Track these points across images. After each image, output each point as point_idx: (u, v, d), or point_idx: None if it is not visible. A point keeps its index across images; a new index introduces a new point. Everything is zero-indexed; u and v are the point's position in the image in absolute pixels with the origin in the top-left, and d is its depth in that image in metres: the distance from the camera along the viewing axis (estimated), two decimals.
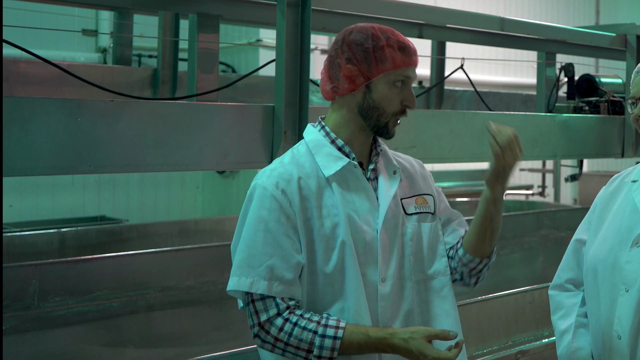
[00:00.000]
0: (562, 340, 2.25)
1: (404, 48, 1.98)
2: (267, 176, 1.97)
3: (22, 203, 6.47)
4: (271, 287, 1.88)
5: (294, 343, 1.88)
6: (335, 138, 2.01)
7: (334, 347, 1.86)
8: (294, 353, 1.89)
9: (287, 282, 1.89)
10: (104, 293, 3.92)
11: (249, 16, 3.43)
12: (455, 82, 5.73)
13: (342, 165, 1.97)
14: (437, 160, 3.35)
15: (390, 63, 1.95)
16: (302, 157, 2.01)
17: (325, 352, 1.86)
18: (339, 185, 1.97)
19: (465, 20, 3.93)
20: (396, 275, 2.00)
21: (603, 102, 4.30)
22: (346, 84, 1.98)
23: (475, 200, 7.69)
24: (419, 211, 2.08)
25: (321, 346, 1.86)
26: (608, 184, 2.32)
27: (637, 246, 2.09)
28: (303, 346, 1.87)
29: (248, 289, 1.89)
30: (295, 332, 1.87)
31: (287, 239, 1.91)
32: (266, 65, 3.23)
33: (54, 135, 2.27)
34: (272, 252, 1.90)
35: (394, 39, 1.98)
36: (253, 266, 1.90)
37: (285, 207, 1.92)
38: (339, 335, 1.87)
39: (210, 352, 2.67)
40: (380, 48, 1.95)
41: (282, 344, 1.89)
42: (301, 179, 1.96)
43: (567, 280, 2.31)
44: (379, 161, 2.07)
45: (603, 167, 11.24)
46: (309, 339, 1.87)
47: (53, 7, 4.33)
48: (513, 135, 1.97)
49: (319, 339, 1.86)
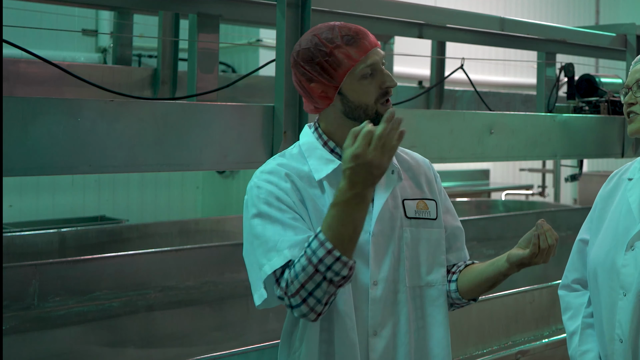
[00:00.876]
0: (571, 341, 2.25)
1: (351, 39, 1.89)
2: (258, 177, 1.94)
3: (22, 203, 6.47)
4: (293, 252, 1.79)
5: (303, 277, 1.75)
6: (328, 140, 1.97)
7: (320, 241, 1.74)
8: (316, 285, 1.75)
9: (300, 243, 1.81)
10: (104, 293, 3.92)
11: (249, 16, 3.43)
12: (455, 82, 5.73)
13: (333, 168, 1.93)
14: (437, 160, 3.33)
15: (346, 63, 1.88)
16: (294, 159, 1.97)
17: (319, 251, 1.74)
18: (331, 187, 1.92)
19: (465, 20, 3.93)
20: (390, 279, 1.95)
21: (603, 102, 4.30)
22: (321, 102, 1.94)
23: (475, 200, 7.69)
24: (419, 216, 2.01)
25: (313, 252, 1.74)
26: (607, 181, 2.31)
27: (632, 249, 2.08)
28: (309, 270, 1.74)
29: (275, 266, 1.80)
30: (297, 269, 1.76)
31: (295, 221, 1.85)
32: (266, 65, 3.22)
33: (54, 135, 2.26)
34: (284, 231, 1.83)
35: (337, 35, 1.89)
36: (271, 249, 1.82)
37: (282, 198, 1.88)
38: (319, 235, 1.74)
39: (210, 352, 2.67)
40: (328, 54, 1.88)
41: (303, 291, 1.76)
42: (291, 176, 1.92)
43: (574, 281, 2.31)
44: None
45: (603, 167, 11.23)
46: (305, 260, 1.75)
47: (53, 7, 4.33)
48: (555, 242, 1.89)
49: (308, 251, 1.75)
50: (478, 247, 5.47)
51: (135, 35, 4.86)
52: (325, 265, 1.74)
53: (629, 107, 2.16)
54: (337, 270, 1.75)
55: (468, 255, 2.16)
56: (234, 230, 5.24)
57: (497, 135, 3.56)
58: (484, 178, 10.04)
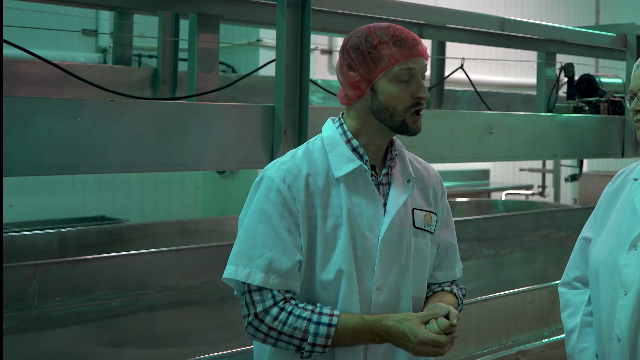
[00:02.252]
0: (569, 339, 2.25)
1: (399, 41, 1.90)
2: (277, 169, 1.94)
3: (22, 203, 6.47)
4: (268, 279, 1.86)
5: (287, 332, 1.85)
6: (351, 138, 1.97)
7: (329, 334, 1.84)
8: (287, 342, 1.87)
9: (285, 275, 1.87)
10: (104, 293, 3.92)
11: (249, 16, 3.43)
12: (455, 82, 5.73)
13: (353, 168, 1.94)
14: (437, 160, 3.34)
15: (387, 60, 1.90)
16: (316, 152, 1.98)
17: (319, 339, 1.84)
18: (348, 187, 1.94)
19: (465, 20, 3.93)
20: (394, 286, 1.96)
21: (603, 102, 4.30)
22: (352, 92, 1.95)
23: (475, 200, 7.70)
24: (423, 227, 2.03)
25: (316, 333, 1.84)
26: (612, 181, 2.30)
27: (634, 249, 2.08)
28: (297, 334, 1.85)
29: (245, 279, 1.88)
30: (290, 321, 1.85)
31: (288, 234, 1.88)
32: (266, 65, 3.22)
33: (54, 135, 2.27)
34: (272, 245, 1.88)
35: (388, 34, 1.91)
36: (252, 257, 1.88)
37: (289, 203, 1.90)
38: (333, 322, 1.85)
39: (210, 352, 2.67)
40: (374, 47, 1.90)
41: (275, 333, 1.86)
42: (310, 176, 1.93)
43: (575, 279, 2.31)
44: (395, 166, 2.02)
45: (603, 167, 11.24)
46: (304, 326, 1.85)
47: (53, 7, 4.33)
48: None
49: (313, 326, 1.85)
50: (478, 247, 5.46)
51: (135, 35, 4.86)
52: (313, 347, 1.86)
53: (636, 114, 2.15)
54: (314, 353, 1.88)
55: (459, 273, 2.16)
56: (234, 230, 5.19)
57: (497, 135, 3.56)
58: (484, 178, 10.04)
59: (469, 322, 3.24)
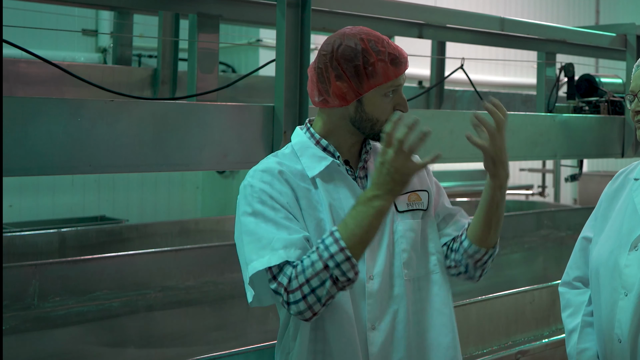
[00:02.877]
0: (570, 339, 2.25)
1: (395, 59, 1.93)
2: (252, 176, 1.96)
3: (22, 203, 6.47)
4: (289, 252, 1.82)
5: (310, 273, 1.79)
6: (320, 139, 1.99)
7: (335, 238, 1.79)
8: (320, 283, 1.79)
9: (301, 246, 1.84)
10: (104, 293, 3.92)
11: (249, 16, 3.43)
12: (455, 82, 5.73)
13: (326, 165, 1.96)
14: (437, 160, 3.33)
15: (381, 77, 1.91)
16: (287, 158, 1.99)
17: (332, 247, 1.78)
18: (325, 183, 1.95)
19: (465, 20, 3.93)
20: (386, 273, 1.97)
21: (603, 102, 4.30)
22: (336, 100, 1.95)
23: (475, 200, 7.69)
24: (411, 208, 2.04)
25: (326, 248, 1.78)
26: (613, 180, 2.30)
27: (635, 249, 2.08)
28: (317, 266, 1.78)
29: (267, 263, 1.83)
30: (305, 264, 1.80)
31: (287, 221, 1.88)
32: (266, 65, 3.22)
33: (54, 135, 2.27)
34: (278, 232, 1.86)
35: (385, 51, 1.92)
36: (264, 247, 1.85)
37: (276, 197, 1.90)
38: (333, 229, 1.81)
39: (210, 352, 2.67)
40: (371, 64, 1.91)
41: (306, 287, 1.79)
42: (285, 173, 1.94)
43: (575, 278, 2.31)
44: (369, 159, 2.05)
45: (603, 167, 11.24)
46: (315, 255, 1.80)
47: (53, 7, 4.33)
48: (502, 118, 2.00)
49: (321, 246, 1.80)
50: None
51: (135, 35, 4.86)
52: (335, 262, 1.78)
53: (636, 114, 2.15)
54: (345, 270, 1.79)
55: (462, 209, 2.19)
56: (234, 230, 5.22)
57: None
58: (484, 178, 9.90)
59: (469, 322, 3.24)
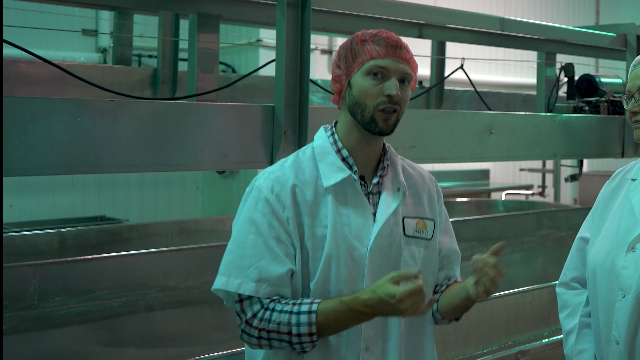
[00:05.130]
0: (567, 340, 2.24)
1: (380, 40, 1.96)
2: (265, 178, 1.96)
3: (22, 203, 6.47)
4: (259, 288, 1.87)
5: (274, 329, 1.85)
6: (342, 148, 1.99)
7: (310, 321, 1.83)
8: (278, 340, 1.86)
9: (275, 283, 1.88)
10: (104, 293, 3.92)
11: (249, 16, 3.43)
12: (455, 82, 5.73)
13: (342, 178, 1.95)
14: (437, 160, 3.34)
15: (364, 55, 1.95)
16: (306, 161, 1.99)
17: (303, 328, 1.83)
18: (336, 197, 1.94)
19: (465, 20, 3.93)
20: None
21: (603, 102, 4.30)
22: (334, 86, 2.02)
23: (475, 200, 7.69)
24: (416, 235, 2.03)
25: (298, 323, 1.83)
26: (610, 180, 2.30)
27: (632, 251, 2.07)
28: (282, 329, 1.84)
29: (237, 289, 1.88)
30: (273, 317, 1.85)
31: (277, 243, 1.89)
32: (266, 65, 3.22)
33: (54, 135, 2.26)
34: (261, 255, 1.88)
35: (373, 34, 1.98)
36: (242, 267, 1.89)
37: (278, 212, 1.91)
38: (313, 309, 1.83)
39: (210, 352, 2.68)
40: (356, 44, 1.97)
41: (265, 333, 1.86)
42: (297, 187, 1.94)
43: (573, 279, 2.30)
44: (386, 175, 2.02)
45: (603, 167, 11.24)
46: (286, 319, 1.84)
47: (53, 7, 4.33)
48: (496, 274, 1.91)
49: (295, 317, 1.84)
50: (478, 247, 5.46)
51: (135, 35, 4.86)
52: (299, 339, 1.84)
53: (633, 115, 2.14)
54: (305, 346, 1.86)
55: (459, 278, 2.16)
56: None
57: (497, 135, 3.56)
58: (484, 178, 10.04)
59: (469, 322, 3.24)
